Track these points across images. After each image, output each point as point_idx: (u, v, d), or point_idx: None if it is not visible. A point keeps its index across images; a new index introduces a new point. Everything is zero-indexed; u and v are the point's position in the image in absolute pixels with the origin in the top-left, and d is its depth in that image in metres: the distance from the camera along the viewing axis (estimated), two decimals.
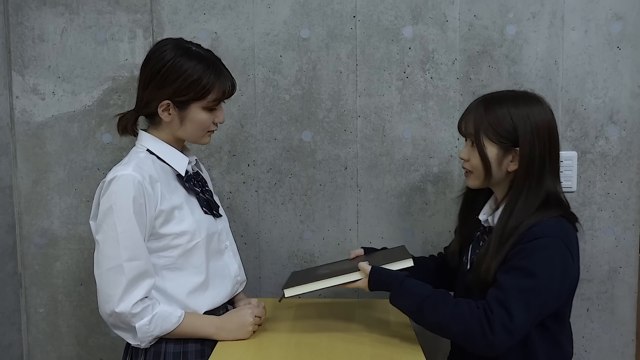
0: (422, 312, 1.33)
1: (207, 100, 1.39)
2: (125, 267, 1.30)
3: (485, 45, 1.82)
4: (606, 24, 1.80)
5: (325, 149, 1.87)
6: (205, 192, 1.50)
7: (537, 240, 1.28)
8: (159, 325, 1.34)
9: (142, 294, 1.32)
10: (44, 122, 1.89)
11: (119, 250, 1.31)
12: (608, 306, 1.87)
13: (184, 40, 1.45)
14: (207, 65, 1.39)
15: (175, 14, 1.84)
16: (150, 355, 1.39)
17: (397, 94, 1.85)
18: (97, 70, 1.87)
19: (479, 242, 1.47)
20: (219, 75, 1.40)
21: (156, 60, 1.39)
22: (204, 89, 1.37)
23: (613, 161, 1.83)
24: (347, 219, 1.89)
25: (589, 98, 1.82)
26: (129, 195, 1.31)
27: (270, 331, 1.51)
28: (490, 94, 1.42)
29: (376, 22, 1.83)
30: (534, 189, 1.33)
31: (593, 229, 1.85)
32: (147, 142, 1.44)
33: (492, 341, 1.23)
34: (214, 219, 1.49)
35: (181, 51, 1.39)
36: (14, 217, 1.90)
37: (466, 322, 1.27)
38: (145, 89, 1.41)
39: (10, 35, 1.87)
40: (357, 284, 1.45)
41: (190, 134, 1.43)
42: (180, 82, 1.36)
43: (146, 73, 1.41)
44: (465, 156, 1.42)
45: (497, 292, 1.27)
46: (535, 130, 1.33)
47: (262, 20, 1.84)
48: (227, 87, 1.41)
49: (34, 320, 1.94)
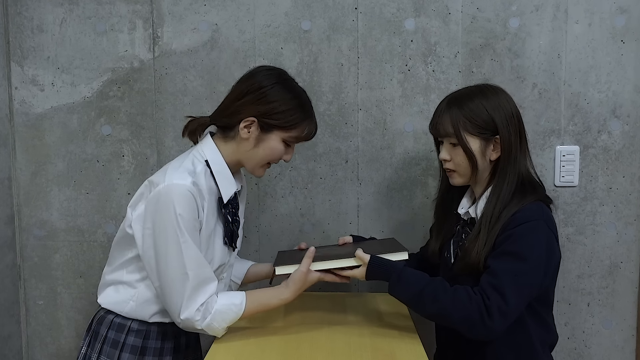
0: (423, 301, 1.34)
1: (289, 134, 1.40)
2: (189, 276, 1.32)
3: (488, 38, 1.81)
4: (610, 18, 1.78)
5: (326, 142, 1.86)
6: (234, 222, 1.48)
7: (523, 225, 1.34)
8: (222, 318, 1.37)
9: (203, 300, 1.34)
10: (43, 114, 1.88)
11: (181, 260, 1.31)
12: (609, 301, 1.86)
13: (289, 74, 1.47)
14: (303, 102, 1.42)
15: (176, 5, 1.83)
16: (109, 343, 1.42)
17: (398, 87, 1.84)
18: (96, 62, 1.86)
19: (461, 235, 1.49)
20: (310, 116, 1.43)
21: (262, 77, 1.40)
22: (293, 121, 1.39)
23: (615, 156, 1.82)
24: (347, 213, 1.88)
25: (592, 92, 1.81)
26: (183, 205, 1.30)
27: (270, 325, 1.51)
28: (456, 93, 1.46)
29: (378, 14, 1.82)
30: (514, 172, 1.40)
31: (594, 224, 1.84)
32: (208, 151, 1.42)
33: (490, 326, 1.28)
34: (230, 250, 1.49)
35: (286, 81, 1.42)
36: (12, 208, 1.89)
37: (466, 309, 1.30)
38: (239, 100, 1.40)
39: (9, 26, 1.85)
40: (353, 272, 1.44)
41: (257, 159, 1.42)
42: (276, 105, 1.37)
43: (246, 85, 1.41)
44: (447, 156, 1.45)
45: (491, 278, 1.31)
46: (508, 117, 1.40)
47: (263, 11, 1.83)
48: (310, 130, 1.44)
49: (33, 312, 1.94)
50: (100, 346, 1.43)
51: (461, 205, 1.52)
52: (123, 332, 1.42)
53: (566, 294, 1.86)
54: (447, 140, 1.44)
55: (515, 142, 1.40)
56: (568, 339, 1.88)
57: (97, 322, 1.47)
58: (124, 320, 1.43)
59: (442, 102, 1.46)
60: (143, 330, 1.43)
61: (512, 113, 1.41)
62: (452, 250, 1.51)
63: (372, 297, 1.76)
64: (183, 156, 1.44)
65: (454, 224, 1.54)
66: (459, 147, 1.41)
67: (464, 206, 1.51)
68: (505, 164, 1.40)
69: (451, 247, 1.52)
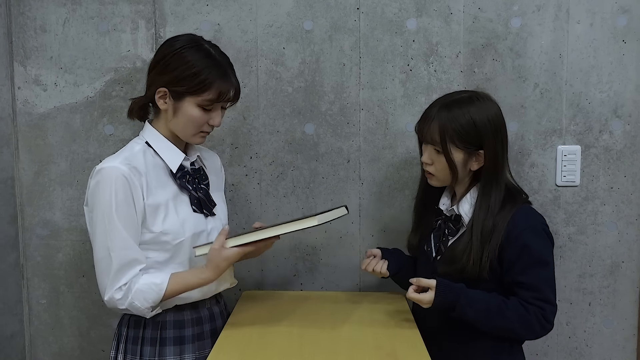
0: (489, 317, 1.42)
1: (202, 98, 1.36)
2: (112, 257, 1.35)
3: (490, 38, 1.81)
4: (612, 18, 1.78)
5: (327, 141, 1.86)
6: (199, 189, 1.49)
7: (527, 231, 1.42)
8: (144, 297, 1.36)
9: (126, 280, 1.36)
10: (45, 113, 1.88)
11: (106, 241, 1.35)
12: (610, 301, 1.86)
13: (202, 38, 1.44)
14: (211, 63, 1.37)
15: (178, 5, 1.83)
16: (130, 341, 1.46)
17: (400, 87, 1.84)
18: (99, 62, 1.86)
19: (443, 230, 1.54)
20: (221, 76, 1.37)
21: (166, 46, 1.41)
22: (200, 84, 1.35)
23: (617, 155, 1.82)
24: (349, 212, 1.88)
25: (594, 92, 1.81)
26: (112, 188, 1.34)
27: (272, 325, 1.51)
28: (447, 99, 1.48)
29: (380, 14, 1.82)
30: (499, 181, 1.46)
31: (596, 224, 1.84)
32: (147, 134, 1.46)
33: (549, 328, 1.44)
34: (204, 217, 1.48)
35: (192, 44, 1.39)
36: (15, 208, 1.90)
37: (526, 319, 1.41)
38: (150, 72, 1.43)
39: (12, 26, 1.86)
40: (420, 298, 1.42)
41: (181, 128, 1.41)
42: (180, 71, 1.35)
43: (154, 58, 1.43)
44: (429, 161, 1.49)
45: (534, 293, 1.41)
46: (496, 130, 1.44)
47: (265, 11, 1.83)
48: (225, 90, 1.37)
49: (36, 311, 1.95)
50: (123, 346, 1.46)
51: (442, 201, 1.58)
52: (140, 327, 1.45)
53: (567, 293, 1.86)
54: (431, 146, 1.47)
55: (501, 153, 1.46)
56: (569, 339, 1.88)
57: (119, 324, 1.51)
58: (139, 316, 1.44)
59: (433, 108, 1.48)
60: (158, 322, 1.44)
61: (499, 125, 1.45)
62: (433, 244, 1.56)
63: (374, 296, 1.77)
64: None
65: (433, 218, 1.59)
66: (441, 155, 1.45)
67: (444, 202, 1.57)
68: (490, 175, 1.46)
69: (432, 241, 1.57)
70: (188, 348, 1.46)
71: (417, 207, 1.66)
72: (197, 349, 1.47)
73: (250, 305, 1.68)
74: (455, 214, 1.52)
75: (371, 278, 1.89)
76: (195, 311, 1.49)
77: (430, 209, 1.60)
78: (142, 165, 1.39)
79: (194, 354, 1.46)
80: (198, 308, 1.49)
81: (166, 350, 1.44)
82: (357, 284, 1.91)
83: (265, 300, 1.73)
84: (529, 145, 1.83)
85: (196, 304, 1.49)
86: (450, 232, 1.52)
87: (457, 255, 1.45)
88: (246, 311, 1.62)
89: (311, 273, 1.91)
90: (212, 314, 1.52)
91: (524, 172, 1.83)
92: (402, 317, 1.57)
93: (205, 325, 1.50)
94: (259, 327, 1.48)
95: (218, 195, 1.56)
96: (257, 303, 1.69)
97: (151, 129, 1.45)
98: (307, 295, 1.79)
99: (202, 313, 1.50)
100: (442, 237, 1.54)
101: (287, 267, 1.90)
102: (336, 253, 1.89)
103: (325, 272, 1.90)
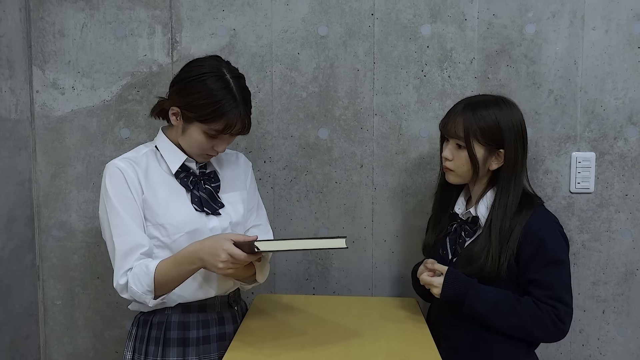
0: (500, 312, 1.43)
1: (209, 127, 1.40)
2: (115, 244, 1.41)
3: (504, 44, 1.81)
4: (627, 24, 1.78)
5: (341, 146, 1.87)
6: (202, 189, 1.50)
7: (543, 229, 1.46)
8: (138, 280, 1.38)
9: (128, 266, 1.39)
10: (63, 117, 1.91)
11: (110, 230, 1.42)
12: (624, 309, 1.85)
13: (229, 65, 1.46)
14: (226, 96, 1.39)
15: (194, 11, 1.85)
16: (137, 340, 1.49)
17: (414, 92, 1.84)
18: (116, 66, 1.88)
19: (459, 233, 1.56)
20: (232, 110, 1.38)
21: (192, 68, 1.44)
22: (210, 115, 1.38)
23: (632, 162, 1.81)
24: (362, 217, 1.89)
25: (609, 98, 1.80)
26: (110, 181, 1.43)
27: (285, 329, 1.52)
28: (473, 99, 1.54)
29: (394, 20, 1.83)
30: (517, 184, 1.50)
31: (610, 231, 1.83)
32: (157, 140, 1.52)
33: (563, 329, 1.44)
34: (205, 215, 1.49)
35: (214, 71, 1.41)
36: (32, 210, 1.93)
37: (538, 318, 1.41)
38: (171, 87, 1.47)
39: (31, 30, 1.89)
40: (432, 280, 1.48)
41: (186, 146, 1.47)
42: (194, 98, 1.39)
43: (179, 74, 1.46)
44: (450, 156, 1.52)
45: (547, 291, 1.43)
46: (517, 133, 1.49)
47: (280, 17, 1.85)
48: (232, 124, 1.40)
49: (51, 312, 1.97)
50: (132, 344, 1.49)
51: (457, 205, 1.60)
52: (147, 326, 1.47)
53: (581, 300, 1.85)
54: (453, 141, 1.51)
55: (521, 157, 1.50)
56: (583, 346, 1.87)
57: (131, 325, 1.54)
58: (147, 316, 1.48)
59: (459, 105, 1.53)
60: (163, 322, 1.46)
61: (521, 130, 1.49)
62: (449, 247, 1.58)
63: (386, 301, 1.77)
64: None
65: (448, 221, 1.61)
66: (463, 150, 1.49)
67: (460, 206, 1.59)
68: (508, 176, 1.49)
69: (447, 244, 1.58)
70: (192, 350, 1.46)
71: (435, 209, 1.67)
72: (201, 352, 1.48)
73: (263, 309, 1.68)
74: (471, 216, 1.53)
75: (383, 283, 1.89)
76: (203, 314, 1.49)
77: (447, 211, 1.62)
78: (143, 164, 1.47)
79: (197, 357, 1.47)
80: (206, 311, 1.50)
81: (169, 351, 1.45)
82: (369, 289, 1.91)
83: (278, 304, 1.73)
84: (543, 152, 1.83)
85: (204, 306, 1.50)
86: (467, 233, 1.54)
87: (475, 256, 1.47)
88: (259, 315, 1.63)
89: (323, 277, 1.91)
90: (221, 317, 1.53)
91: (538, 178, 1.83)
92: (414, 322, 1.57)
93: (212, 329, 1.50)
94: (271, 331, 1.49)
95: (234, 196, 1.56)
96: (269, 307, 1.70)
97: (162, 136, 1.51)
98: (319, 299, 1.80)
99: (210, 316, 1.50)
100: (459, 240, 1.56)
101: (299, 271, 1.91)
102: (349, 257, 1.90)
103: (337, 276, 1.91)
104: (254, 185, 1.66)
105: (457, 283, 1.46)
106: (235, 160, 1.64)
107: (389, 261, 1.90)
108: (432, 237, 1.64)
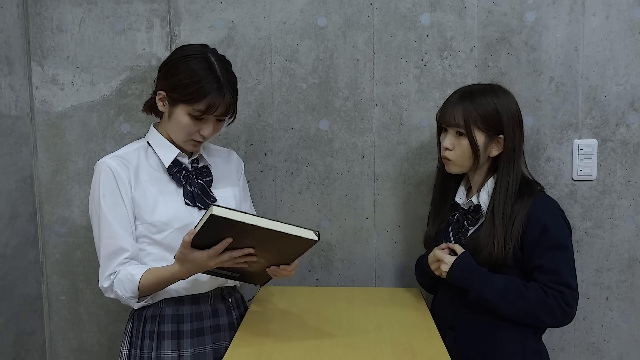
0: (508, 298, 1.44)
1: (192, 108, 1.40)
2: (101, 246, 1.43)
3: (504, 32, 1.80)
4: (628, 10, 1.77)
5: (342, 137, 1.87)
6: (195, 184, 1.50)
7: (547, 214, 1.47)
8: (123, 287, 1.40)
9: (112, 270, 1.41)
10: (63, 112, 1.91)
11: (98, 231, 1.44)
12: (628, 295, 1.85)
13: (214, 51, 1.47)
14: (209, 75, 1.39)
15: (192, 3, 1.85)
16: (132, 334, 1.50)
17: (414, 82, 1.84)
18: (115, 60, 1.88)
19: (462, 223, 1.57)
20: (215, 90, 1.38)
21: (177, 51, 1.47)
22: (193, 94, 1.38)
23: (634, 149, 1.81)
24: (364, 208, 1.89)
25: (610, 85, 1.79)
26: (100, 180, 1.43)
27: (289, 320, 1.52)
28: (468, 88, 1.55)
29: (393, 9, 1.82)
30: (516, 168, 1.51)
31: (613, 218, 1.83)
32: (149, 135, 1.53)
33: (570, 313, 1.46)
34: (198, 210, 1.48)
35: (198, 54, 1.42)
36: (35, 206, 1.93)
37: (546, 303, 1.43)
38: (157, 74, 1.49)
39: (29, 26, 1.88)
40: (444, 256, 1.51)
41: (174, 133, 1.47)
42: (178, 79, 1.40)
43: (164, 61, 1.48)
44: (450, 145, 1.52)
45: (552, 276, 1.44)
46: (514, 118, 1.51)
47: (279, 8, 1.84)
48: (215, 103, 1.38)
49: (55, 307, 1.97)
50: (128, 339, 1.50)
51: (458, 195, 1.61)
52: (141, 321, 1.48)
53: (584, 288, 1.85)
54: (453, 130, 1.52)
55: (519, 142, 1.52)
56: (586, 333, 1.87)
57: (127, 320, 1.55)
58: (141, 311, 1.49)
59: (455, 94, 1.55)
60: (157, 316, 1.47)
61: (518, 115, 1.52)
62: (452, 237, 1.58)
63: (390, 292, 1.77)
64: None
65: (449, 212, 1.62)
66: (463, 138, 1.50)
67: (461, 195, 1.60)
68: (507, 162, 1.50)
69: (450, 234, 1.59)
70: (186, 343, 1.47)
71: (434, 200, 1.67)
72: (195, 344, 1.48)
73: (267, 300, 1.69)
74: (473, 205, 1.54)
75: (387, 273, 1.90)
76: (196, 306, 1.49)
77: (447, 202, 1.63)
78: (134, 161, 1.47)
79: (191, 349, 1.47)
80: (199, 303, 1.50)
81: (164, 344, 1.46)
82: (372, 280, 1.91)
83: (282, 295, 1.74)
84: (544, 140, 1.82)
85: (197, 299, 1.50)
86: (469, 222, 1.55)
87: (481, 242, 1.48)
88: (263, 307, 1.63)
89: (327, 269, 1.92)
90: (215, 310, 1.52)
91: (539, 166, 1.83)
92: (418, 312, 1.58)
93: (205, 321, 1.50)
94: (275, 322, 1.49)
95: (226, 191, 1.57)
96: (273, 299, 1.70)
97: (153, 131, 1.53)
98: (322, 290, 1.80)
99: (204, 309, 1.50)
100: (461, 229, 1.57)
101: (302, 262, 1.91)
102: (351, 249, 1.90)
103: (340, 267, 1.91)
104: (246, 186, 1.68)
105: (467, 268, 1.47)
106: (227, 156, 1.65)
107: (392, 252, 1.90)
108: (433, 229, 1.64)
